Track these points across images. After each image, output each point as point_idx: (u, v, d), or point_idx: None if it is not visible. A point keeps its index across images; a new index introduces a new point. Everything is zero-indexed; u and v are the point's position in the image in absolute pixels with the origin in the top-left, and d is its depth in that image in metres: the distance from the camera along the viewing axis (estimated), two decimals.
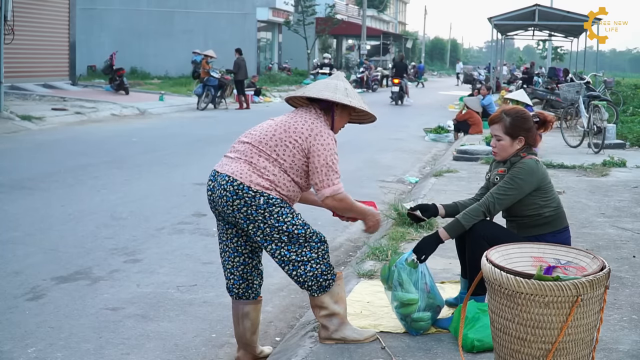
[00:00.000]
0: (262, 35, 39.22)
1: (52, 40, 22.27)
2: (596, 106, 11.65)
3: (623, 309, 4.00)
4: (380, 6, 59.44)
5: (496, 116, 3.74)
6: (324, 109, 3.51)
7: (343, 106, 3.51)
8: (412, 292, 3.52)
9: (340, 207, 3.43)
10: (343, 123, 3.62)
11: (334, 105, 3.50)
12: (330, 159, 3.33)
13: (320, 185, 3.33)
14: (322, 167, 3.31)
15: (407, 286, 3.53)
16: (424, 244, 3.60)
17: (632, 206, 7.08)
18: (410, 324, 3.57)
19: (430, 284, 3.58)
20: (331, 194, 3.32)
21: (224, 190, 3.29)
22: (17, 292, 4.66)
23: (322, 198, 3.35)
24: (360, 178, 8.88)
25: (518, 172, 3.59)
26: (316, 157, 3.32)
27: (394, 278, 3.55)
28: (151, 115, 18.15)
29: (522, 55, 74.51)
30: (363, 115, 3.64)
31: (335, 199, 3.35)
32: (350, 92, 3.51)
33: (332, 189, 3.33)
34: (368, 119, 3.69)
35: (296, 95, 3.55)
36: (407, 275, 3.54)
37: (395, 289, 3.55)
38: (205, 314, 4.40)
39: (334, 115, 3.51)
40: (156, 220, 6.71)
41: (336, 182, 3.34)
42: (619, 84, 26.32)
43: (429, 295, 3.57)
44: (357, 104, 3.49)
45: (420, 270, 3.56)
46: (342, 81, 3.57)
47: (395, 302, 3.57)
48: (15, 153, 11.06)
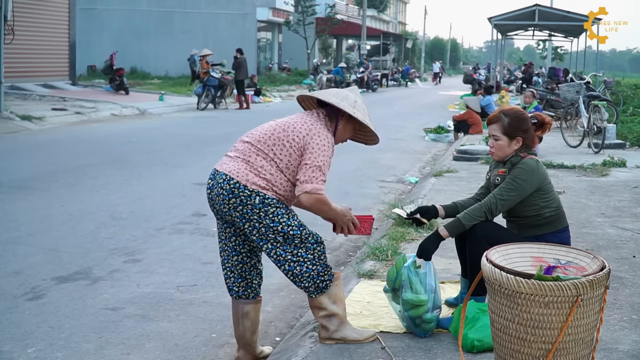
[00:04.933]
0: (262, 35, 39.24)
1: (52, 40, 22.27)
2: (596, 106, 11.65)
3: (623, 309, 4.00)
4: (380, 6, 59.41)
5: (494, 116, 3.75)
6: (330, 115, 3.48)
7: (349, 118, 3.47)
8: (421, 293, 3.51)
9: (314, 207, 3.30)
10: (346, 136, 3.57)
11: (339, 115, 3.48)
12: (322, 161, 3.29)
13: (302, 180, 3.25)
14: (311, 166, 3.26)
15: (417, 287, 3.51)
16: (426, 243, 3.60)
17: (632, 206, 7.07)
18: (419, 326, 3.55)
19: (434, 284, 3.58)
20: (310, 190, 3.23)
21: (221, 189, 3.30)
22: (17, 292, 4.66)
23: (299, 192, 3.25)
24: (360, 178, 8.87)
25: (519, 173, 3.59)
26: (308, 155, 3.28)
27: (403, 279, 3.53)
28: (151, 115, 18.15)
29: (522, 55, 74.52)
30: (367, 133, 3.59)
31: (313, 197, 3.24)
32: (358, 106, 3.47)
33: (314, 186, 3.24)
34: (371, 139, 3.64)
35: (306, 95, 3.55)
36: (416, 276, 3.53)
37: (404, 291, 3.52)
38: (205, 314, 4.40)
39: (337, 125, 3.48)
40: (156, 220, 6.71)
41: (320, 183, 3.26)
42: (619, 84, 26.31)
43: (435, 295, 3.57)
44: (360, 117, 3.44)
45: (426, 271, 3.56)
46: (354, 94, 3.53)
47: (403, 305, 3.53)
48: (15, 153, 11.07)
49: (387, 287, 3.67)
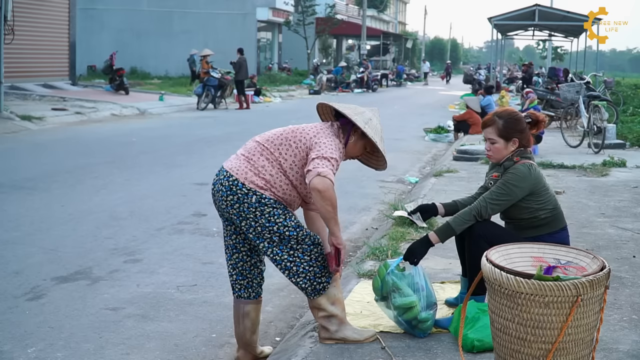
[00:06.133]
0: (262, 35, 39.24)
1: (52, 40, 22.26)
2: (596, 106, 11.65)
3: (623, 309, 4.00)
4: (380, 6, 59.41)
5: (489, 119, 3.74)
6: (343, 128, 3.45)
7: (361, 135, 3.44)
8: (410, 295, 3.50)
9: (326, 195, 3.12)
10: (355, 153, 3.51)
11: (352, 129, 3.45)
12: (330, 154, 3.22)
13: (311, 168, 3.15)
14: (319, 157, 3.18)
15: (405, 290, 3.50)
16: (415, 248, 3.60)
17: (632, 206, 7.07)
18: (417, 327, 3.54)
19: (423, 283, 3.56)
20: (322, 172, 3.11)
21: (221, 185, 3.32)
22: (17, 292, 4.66)
23: (311, 177, 3.11)
24: (360, 178, 8.87)
25: (510, 178, 3.59)
26: (316, 150, 3.23)
27: (389, 287, 3.52)
28: (151, 115, 18.15)
29: (522, 55, 74.49)
30: (379, 158, 3.56)
31: (326, 181, 3.10)
32: (372, 124, 3.43)
33: (325, 170, 3.12)
34: (381, 164, 3.60)
35: (324, 103, 3.54)
36: (401, 280, 3.52)
37: (392, 297, 3.51)
38: (205, 314, 4.40)
39: (348, 139, 3.44)
40: (156, 220, 6.71)
41: (329, 171, 3.14)
42: (619, 84, 26.32)
43: (426, 293, 3.56)
44: (370, 134, 3.39)
45: (411, 272, 3.55)
46: (372, 113, 3.49)
47: (396, 311, 3.52)
48: (15, 153, 11.07)
49: (376, 296, 3.66)
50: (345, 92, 31.32)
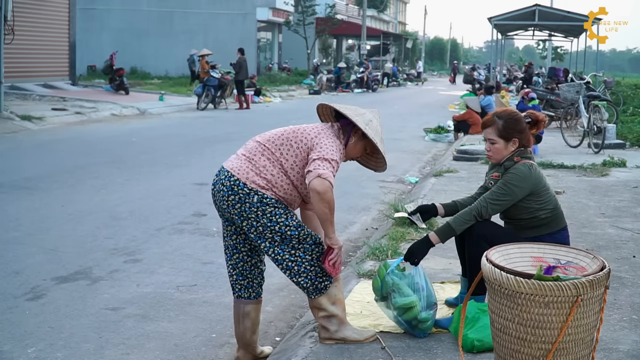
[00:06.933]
0: (262, 35, 39.23)
1: (52, 40, 22.25)
2: (596, 106, 11.64)
3: (623, 309, 4.00)
4: (380, 6, 59.42)
5: (488, 120, 3.74)
6: (344, 129, 3.46)
7: (361, 136, 3.45)
8: (410, 295, 3.50)
9: (325, 197, 3.13)
10: (354, 154, 3.52)
11: (352, 130, 3.45)
12: (330, 155, 3.24)
13: (311, 169, 3.16)
14: (319, 158, 3.19)
15: (405, 290, 3.50)
16: (415, 248, 3.60)
17: (632, 206, 7.07)
18: (417, 327, 3.54)
19: (423, 283, 3.56)
20: (322, 174, 3.12)
21: (222, 185, 3.32)
22: (17, 292, 4.66)
23: (311, 178, 3.13)
24: (360, 178, 8.87)
25: (510, 178, 3.59)
26: (316, 151, 3.24)
27: (389, 287, 3.52)
28: (151, 115, 18.15)
29: (522, 55, 74.51)
30: (378, 160, 3.57)
31: (326, 183, 3.11)
32: (372, 125, 3.43)
33: (325, 172, 3.14)
34: (380, 165, 3.60)
35: (324, 104, 3.54)
36: (401, 280, 3.52)
37: (392, 297, 3.51)
38: (205, 314, 4.40)
39: (348, 140, 3.45)
40: (156, 220, 6.71)
41: (329, 173, 3.15)
42: (619, 84, 26.31)
43: (426, 293, 3.56)
44: (371, 135, 3.39)
45: (411, 272, 3.55)
46: (373, 115, 3.50)
47: (396, 311, 3.53)
48: (15, 153, 11.07)
49: (376, 296, 3.66)
50: (345, 92, 31.33)
